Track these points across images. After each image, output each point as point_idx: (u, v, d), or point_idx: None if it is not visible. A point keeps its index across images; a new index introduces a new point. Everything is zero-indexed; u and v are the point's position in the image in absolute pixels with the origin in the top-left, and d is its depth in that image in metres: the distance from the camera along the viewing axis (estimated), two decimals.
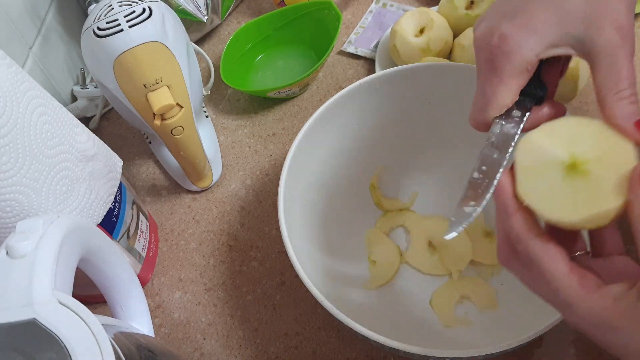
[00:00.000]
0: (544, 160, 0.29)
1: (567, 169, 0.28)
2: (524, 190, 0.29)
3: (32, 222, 0.32)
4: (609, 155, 0.28)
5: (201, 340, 0.53)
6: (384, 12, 0.75)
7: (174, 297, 0.57)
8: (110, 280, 0.43)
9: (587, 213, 0.27)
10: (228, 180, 0.64)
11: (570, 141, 0.29)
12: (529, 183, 0.29)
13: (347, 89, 0.51)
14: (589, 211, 0.27)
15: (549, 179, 0.28)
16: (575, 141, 0.29)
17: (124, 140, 0.70)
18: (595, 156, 0.28)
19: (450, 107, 0.53)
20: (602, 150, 0.28)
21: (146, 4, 0.51)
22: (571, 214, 0.28)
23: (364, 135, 0.55)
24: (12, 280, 0.30)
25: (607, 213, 0.27)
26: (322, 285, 0.44)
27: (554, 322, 0.37)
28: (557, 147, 0.29)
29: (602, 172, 0.28)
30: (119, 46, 0.49)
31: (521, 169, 0.30)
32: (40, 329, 0.28)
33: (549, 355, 0.47)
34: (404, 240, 0.56)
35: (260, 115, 0.69)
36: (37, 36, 0.63)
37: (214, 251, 0.59)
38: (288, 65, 0.73)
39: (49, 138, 0.41)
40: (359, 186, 0.57)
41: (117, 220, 0.51)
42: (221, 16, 0.76)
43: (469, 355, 0.37)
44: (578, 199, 0.28)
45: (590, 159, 0.28)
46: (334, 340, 0.51)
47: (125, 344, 0.34)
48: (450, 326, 0.49)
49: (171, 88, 0.52)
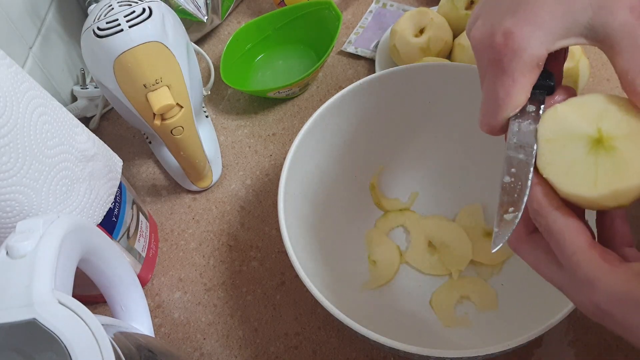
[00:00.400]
0: (568, 133, 0.28)
1: (592, 143, 0.27)
2: (545, 162, 0.28)
3: (32, 222, 0.32)
4: (637, 134, 0.27)
5: (201, 340, 0.53)
6: (384, 12, 0.75)
7: (174, 297, 0.57)
8: (110, 280, 0.43)
9: (609, 189, 0.26)
10: (228, 180, 0.64)
11: (598, 116, 0.28)
12: (551, 156, 0.28)
13: (347, 89, 0.51)
14: (611, 187, 0.26)
15: (572, 153, 0.28)
16: (603, 117, 0.28)
17: (124, 140, 0.70)
18: (622, 133, 0.27)
19: (450, 107, 0.53)
20: (631, 128, 0.27)
21: (146, 4, 0.51)
22: (592, 189, 0.27)
23: (363, 135, 0.55)
24: (12, 280, 0.30)
25: (630, 191, 0.26)
26: (322, 285, 0.44)
27: (554, 322, 0.37)
28: (583, 121, 0.28)
29: (628, 149, 0.26)
30: (119, 46, 0.49)
31: (544, 141, 0.29)
32: (40, 329, 0.28)
33: (549, 355, 0.47)
34: (404, 240, 0.56)
35: (260, 115, 0.69)
36: (37, 36, 0.63)
37: (214, 251, 0.59)
38: (288, 65, 0.73)
39: (49, 138, 0.41)
40: (359, 186, 0.57)
41: (117, 220, 0.51)
42: (221, 16, 0.76)
43: (469, 355, 0.37)
44: (600, 174, 0.27)
45: (617, 135, 0.27)
46: (334, 340, 0.51)
47: (125, 344, 0.34)
48: (450, 326, 0.49)
49: (171, 88, 0.52)
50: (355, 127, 0.55)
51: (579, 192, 0.27)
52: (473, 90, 0.51)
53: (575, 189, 0.27)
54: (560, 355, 0.47)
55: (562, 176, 0.28)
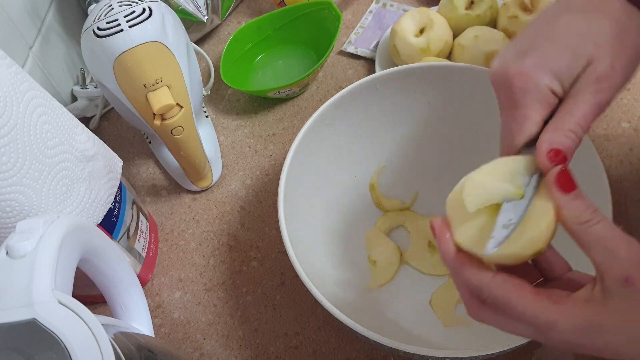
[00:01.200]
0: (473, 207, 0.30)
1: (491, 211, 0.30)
2: (459, 236, 0.30)
3: (32, 222, 0.32)
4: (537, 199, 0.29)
5: (201, 340, 0.53)
6: (384, 12, 0.75)
7: (174, 297, 0.57)
8: (110, 280, 0.43)
9: (522, 241, 0.28)
10: (228, 180, 0.64)
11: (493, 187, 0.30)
12: (462, 230, 0.30)
13: (347, 89, 0.51)
14: (523, 239, 0.28)
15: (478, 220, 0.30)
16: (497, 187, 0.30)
17: (124, 140, 0.70)
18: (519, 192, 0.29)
19: (450, 107, 0.53)
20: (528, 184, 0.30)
21: (146, 4, 0.51)
22: (508, 246, 0.28)
23: (363, 135, 0.55)
24: (12, 280, 0.30)
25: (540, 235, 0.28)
26: (322, 285, 0.44)
27: None
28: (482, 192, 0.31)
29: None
30: (119, 46, 0.49)
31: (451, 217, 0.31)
32: (40, 329, 0.28)
33: (549, 355, 0.47)
34: (404, 240, 0.56)
35: (260, 115, 0.69)
36: (37, 36, 0.63)
37: (214, 251, 0.59)
38: (288, 65, 0.73)
39: (49, 138, 0.41)
40: (359, 186, 0.57)
41: (117, 220, 0.51)
42: (221, 16, 0.76)
43: (469, 355, 0.37)
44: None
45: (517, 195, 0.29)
46: (334, 340, 0.51)
47: (125, 344, 0.34)
48: (450, 326, 0.49)
49: (171, 88, 0.52)
50: (355, 127, 0.55)
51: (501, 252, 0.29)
52: (473, 90, 0.51)
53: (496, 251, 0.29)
54: (560, 355, 0.47)
55: (479, 244, 0.29)
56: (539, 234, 0.28)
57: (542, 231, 0.28)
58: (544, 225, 0.28)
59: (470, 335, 0.48)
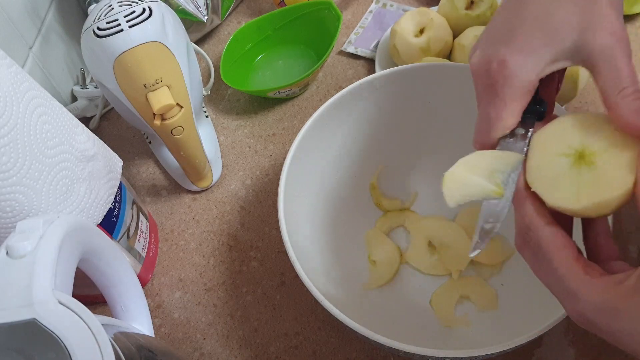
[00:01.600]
0: (554, 149, 0.30)
1: (575, 158, 0.29)
2: (533, 177, 0.31)
3: (32, 222, 0.32)
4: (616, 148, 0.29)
5: (201, 340, 0.53)
6: (384, 12, 0.75)
7: (174, 297, 0.57)
8: (110, 280, 0.43)
9: (591, 202, 0.28)
10: (228, 180, 0.64)
11: (582, 134, 0.30)
12: (538, 171, 0.31)
13: (347, 89, 0.51)
14: (592, 200, 0.28)
15: (557, 168, 0.30)
16: (586, 134, 0.30)
17: (124, 140, 0.70)
18: (601, 148, 0.29)
19: (450, 107, 0.53)
20: (609, 143, 0.29)
21: (146, 4, 0.51)
22: (575, 202, 0.29)
23: (363, 135, 0.55)
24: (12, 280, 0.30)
25: (609, 203, 0.28)
26: (322, 285, 0.44)
27: (553, 322, 0.37)
28: (567, 138, 0.30)
29: (607, 163, 0.29)
30: (119, 46, 0.49)
31: (532, 157, 0.31)
32: (40, 329, 0.28)
33: (549, 355, 0.47)
34: (404, 240, 0.56)
35: (260, 115, 0.69)
36: (37, 36, 0.63)
37: (214, 251, 0.59)
38: (288, 65, 0.73)
39: (49, 138, 0.41)
40: (359, 186, 0.57)
41: (117, 220, 0.51)
42: (221, 16, 0.76)
43: (469, 355, 0.37)
44: (582, 187, 0.29)
45: (597, 150, 0.29)
46: (334, 340, 0.51)
47: (125, 344, 0.34)
48: (450, 326, 0.49)
49: (171, 88, 0.52)
50: (355, 127, 0.55)
51: (563, 204, 0.29)
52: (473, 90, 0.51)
53: (560, 202, 0.29)
54: (560, 355, 0.47)
55: (548, 190, 0.30)
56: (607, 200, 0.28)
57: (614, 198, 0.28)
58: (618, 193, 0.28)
59: (470, 335, 0.48)
